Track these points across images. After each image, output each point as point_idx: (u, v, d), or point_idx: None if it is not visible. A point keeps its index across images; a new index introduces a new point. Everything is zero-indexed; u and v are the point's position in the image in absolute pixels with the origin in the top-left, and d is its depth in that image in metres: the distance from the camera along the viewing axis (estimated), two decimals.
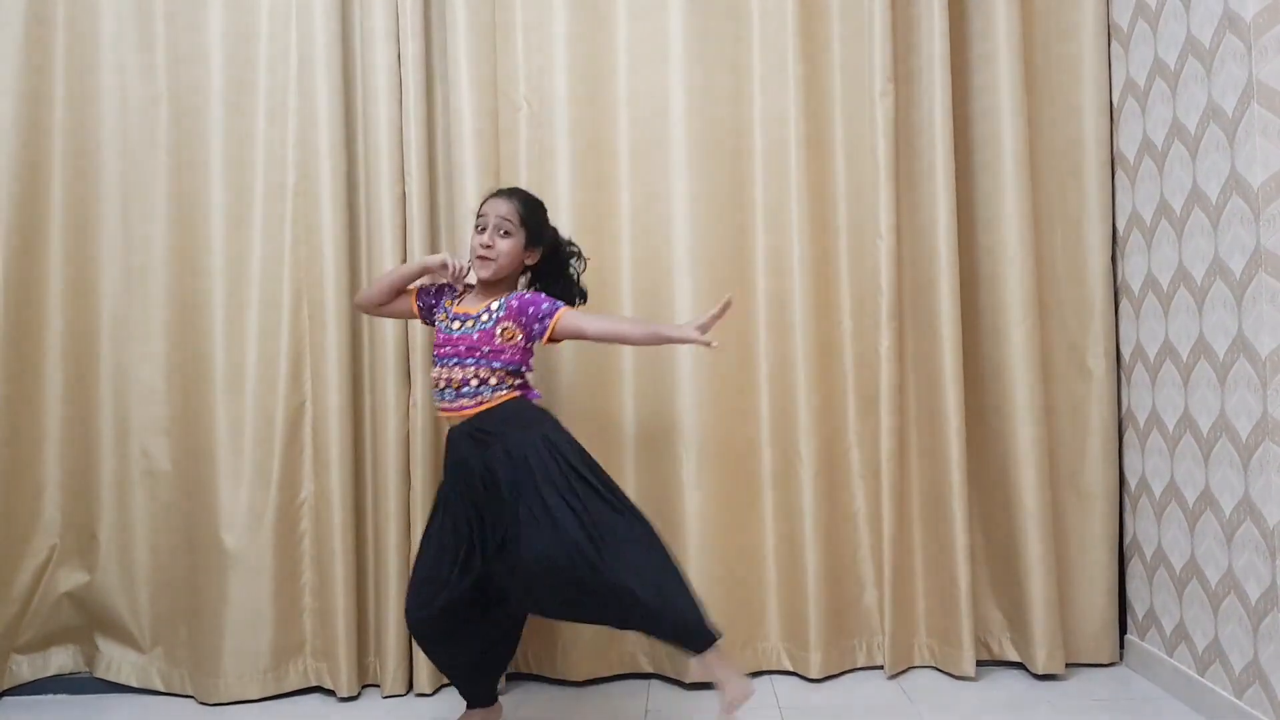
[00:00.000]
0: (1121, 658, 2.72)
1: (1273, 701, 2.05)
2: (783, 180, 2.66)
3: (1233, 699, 2.19)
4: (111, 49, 2.74)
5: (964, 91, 2.70)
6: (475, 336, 2.15)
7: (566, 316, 2.14)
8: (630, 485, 2.57)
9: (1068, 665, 2.62)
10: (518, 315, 2.16)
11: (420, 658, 2.62)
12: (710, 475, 2.63)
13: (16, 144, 2.67)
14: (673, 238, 2.65)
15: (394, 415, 2.65)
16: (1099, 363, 2.69)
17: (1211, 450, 2.27)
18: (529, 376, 2.24)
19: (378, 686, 2.68)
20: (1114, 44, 2.70)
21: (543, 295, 2.20)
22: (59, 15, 2.75)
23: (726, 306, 2.04)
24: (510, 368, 2.16)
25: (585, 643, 2.64)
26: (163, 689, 2.70)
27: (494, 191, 2.28)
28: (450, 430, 2.21)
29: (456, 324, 2.20)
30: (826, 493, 2.65)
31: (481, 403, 2.14)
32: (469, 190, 2.64)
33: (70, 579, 2.76)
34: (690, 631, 2.02)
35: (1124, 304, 2.69)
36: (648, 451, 2.66)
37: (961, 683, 2.61)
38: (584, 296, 2.34)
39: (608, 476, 2.13)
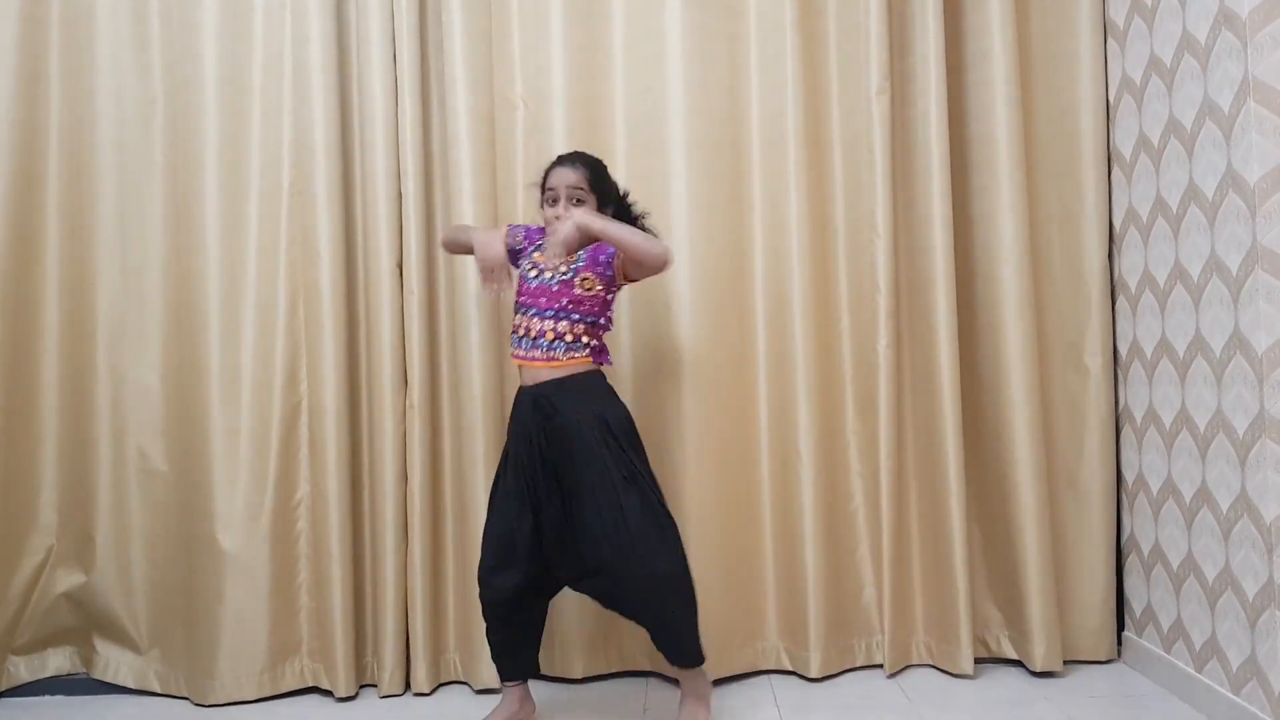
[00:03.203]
0: (1119, 655, 2.73)
1: (1270, 697, 2.05)
2: (780, 178, 2.66)
3: (1230, 695, 2.19)
4: (106, 49, 2.74)
5: (960, 89, 2.71)
6: (555, 288, 2.18)
7: (641, 232, 2.19)
8: None
9: (1065, 662, 2.62)
10: (592, 261, 2.19)
11: (419, 656, 2.62)
12: (708, 474, 2.63)
13: (12, 144, 2.68)
14: (671, 236, 2.64)
15: (391, 416, 2.64)
16: (1096, 360, 2.69)
17: (1208, 447, 2.27)
18: (606, 339, 2.27)
19: (375, 686, 2.68)
20: (1110, 41, 2.70)
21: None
22: (53, 15, 2.75)
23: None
24: (589, 320, 2.19)
25: (583, 641, 2.64)
26: (160, 690, 2.70)
27: (555, 160, 2.28)
28: (519, 391, 2.24)
29: (535, 273, 2.22)
30: (825, 491, 2.65)
31: (554, 359, 2.17)
32: (466, 190, 2.64)
33: (67, 580, 2.76)
34: (692, 650, 2.21)
35: (1121, 301, 2.69)
36: (647, 450, 2.64)
37: (960, 681, 2.61)
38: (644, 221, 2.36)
39: (650, 471, 2.22)
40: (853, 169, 2.70)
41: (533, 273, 2.23)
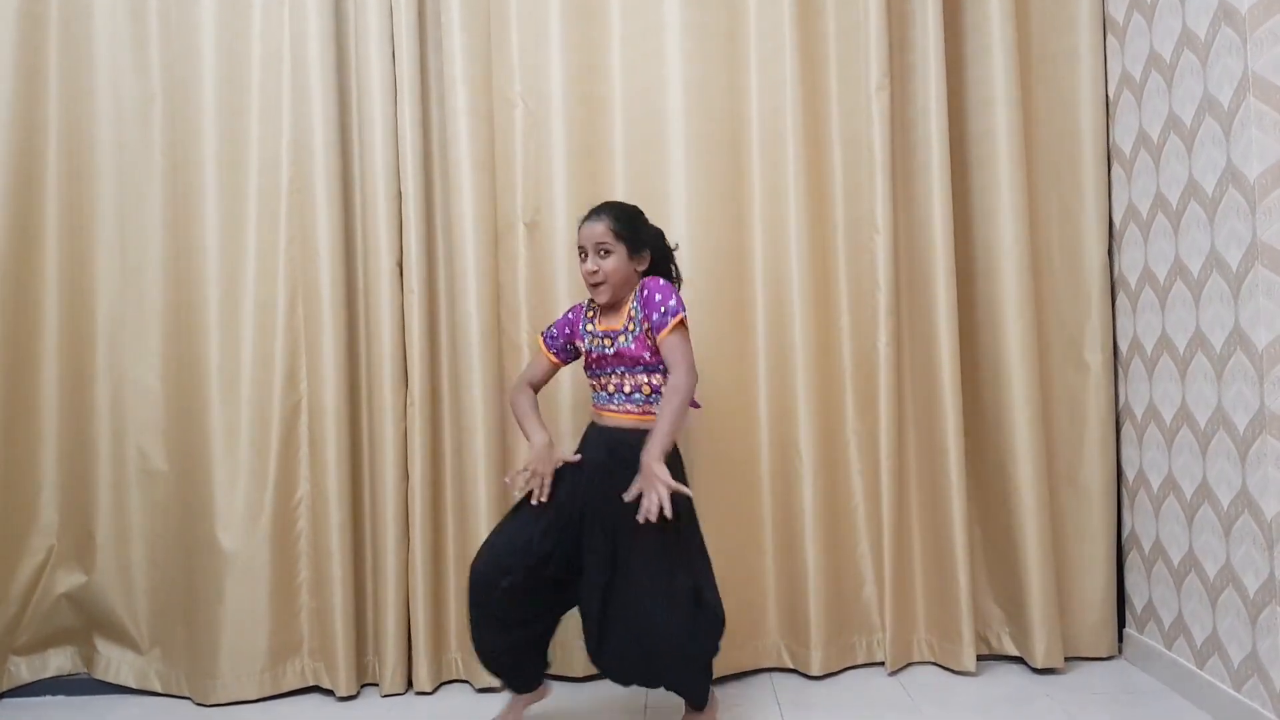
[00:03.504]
0: (1120, 651, 2.73)
1: (1271, 694, 2.05)
2: (779, 176, 2.66)
3: (1231, 691, 2.19)
4: (105, 47, 2.74)
5: (959, 86, 2.70)
6: (632, 348, 2.17)
7: (676, 338, 2.11)
8: None
9: (1067, 659, 2.62)
10: (645, 304, 2.15)
11: (420, 655, 2.62)
12: (709, 472, 2.63)
13: (11, 143, 2.68)
14: (670, 234, 2.64)
15: (391, 414, 2.64)
16: (1096, 356, 2.69)
17: (1209, 443, 2.27)
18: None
19: (376, 685, 2.68)
20: (1109, 37, 2.70)
21: (658, 292, 2.14)
22: (52, 14, 2.75)
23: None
24: (661, 368, 2.17)
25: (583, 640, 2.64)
26: (161, 690, 2.71)
27: (585, 216, 2.25)
28: (590, 429, 2.25)
29: (608, 341, 2.20)
30: (825, 489, 2.65)
31: (646, 412, 2.17)
32: (465, 188, 2.64)
33: (68, 580, 2.76)
34: (705, 693, 2.22)
35: (1121, 297, 2.69)
36: None
37: (961, 678, 2.61)
38: (678, 280, 2.34)
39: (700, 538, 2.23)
40: (852, 166, 2.70)
41: (606, 342, 2.20)
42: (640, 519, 1.96)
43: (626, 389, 2.19)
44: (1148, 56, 2.50)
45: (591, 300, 2.27)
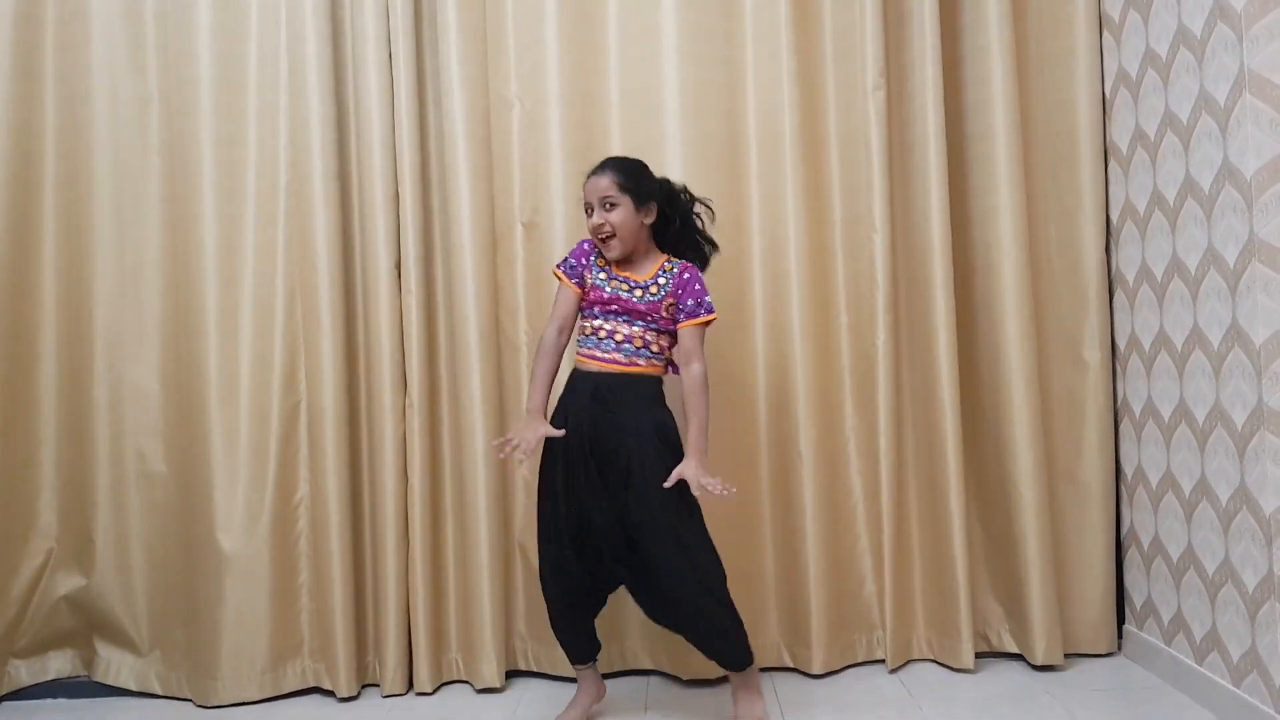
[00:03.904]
0: (1120, 648, 2.73)
1: (1270, 689, 2.05)
2: (777, 176, 2.66)
3: (1231, 687, 2.20)
4: (101, 49, 2.73)
5: (957, 85, 2.71)
6: (644, 306, 2.21)
7: (700, 331, 2.23)
8: None
9: (1066, 656, 2.62)
10: (676, 290, 2.23)
11: (421, 655, 2.62)
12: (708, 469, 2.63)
13: (7, 146, 2.67)
14: None
15: (390, 415, 2.64)
16: (1094, 354, 2.69)
17: (1207, 440, 2.28)
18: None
19: (377, 686, 2.68)
20: (1105, 35, 2.70)
21: (698, 282, 2.24)
22: (48, 15, 2.74)
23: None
24: (668, 331, 2.25)
25: None
26: (161, 692, 2.70)
27: (589, 172, 2.28)
28: (574, 376, 2.26)
29: (625, 288, 2.23)
30: (824, 487, 2.65)
31: (633, 364, 2.21)
32: (463, 189, 2.64)
33: (67, 582, 2.76)
34: (744, 654, 2.26)
35: (1118, 295, 2.70)
36: None
37: (961, 675, 2.61)
38: (714, 245, 2.37)
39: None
40: (850, 166, 2.70)
41: (623, 287, 2.24)
42: (667, 484, 2.11)
43: (618, 337, 2.21)
44: (1144, 54, 2.50)
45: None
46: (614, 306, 2.22)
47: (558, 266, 2.32)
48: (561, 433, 2.17)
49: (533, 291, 2.70)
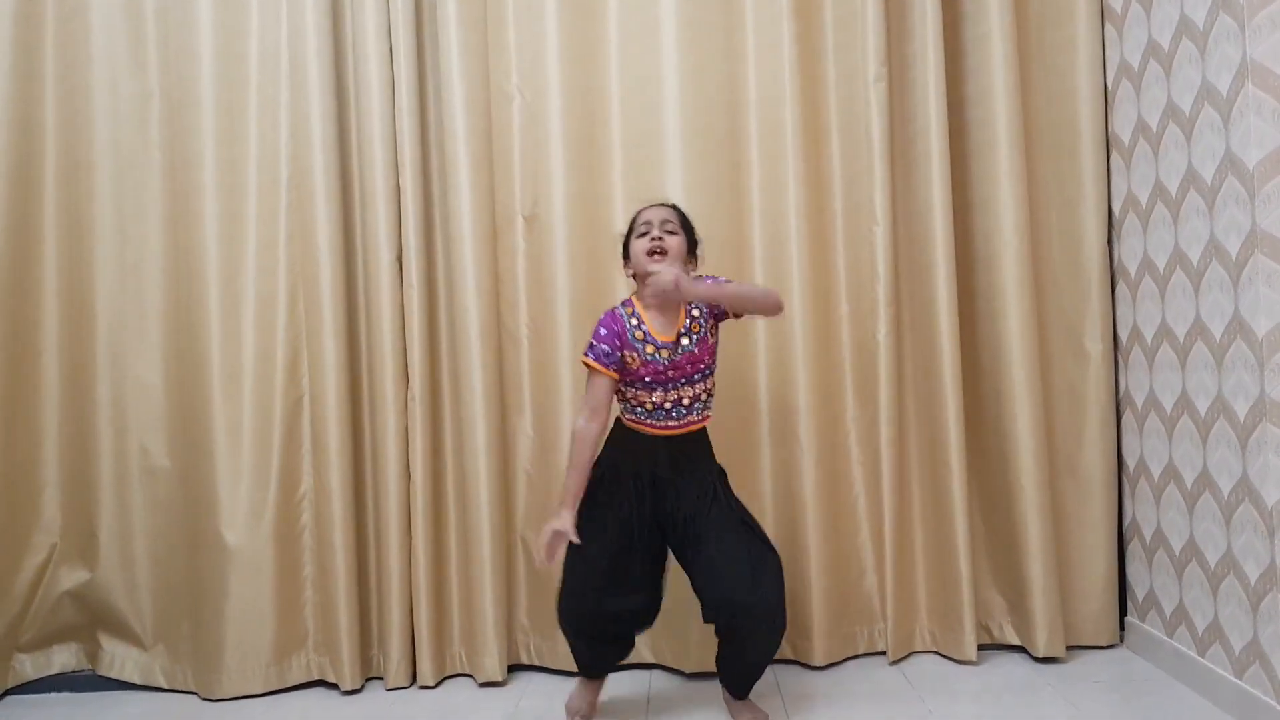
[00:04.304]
0: (1122, 640, 2.73)
1: (1273, 681, 2.05)
2: (778, 167, 2.65)
3: (1233, 679, 2.20)
4: (102, 46, 2.74)
5: (958, 75, 2.70)
6: (697, 351, 2.18)
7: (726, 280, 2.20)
8: None
9: (1068, 648, 2.63)
10: (708, 304, 2.20)
11: (424, 649, 2.63)
12: None
13: (9, 143, 2.68)
14: None
15: (393, 409, 2.64)
16: (1096, 345, 2.69)
17: (1209, 432, 2.27)
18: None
19: (381, 679, 2.69)
20: (1107, 26, 2.69)
21: (707, 275, 2.22)
22: (48, 12, 2.75)
23: None
24: (714, 369, 2.24)
25: None
26: (166, 685, 2.71)
27: (645, 205, 2.29)
28: (632, 436, 2.21)
29: (666, 352, 2.15)
30: (826, 479, 2.65)
31: (706, 417, 2.22)
32: (463, 182, 2.63)
33: (71, 577, 2.77)
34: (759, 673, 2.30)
35: (1121, 286, 2.69)
36: None
37: (963, 667, 2.62)
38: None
39: None
40: (851, 157, 2.70)
41: (664, 353, 2.16)
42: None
43: (685, 401, 2.19)
44: (1146, 45, 2.49)
45: (628, 306, 2.21)
46: (672, 373, 2.16)
47: (587, 354, 2.16)
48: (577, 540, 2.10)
49: (533, 284, 2.70)
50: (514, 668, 2.71)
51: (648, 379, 2.16)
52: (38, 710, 2.65)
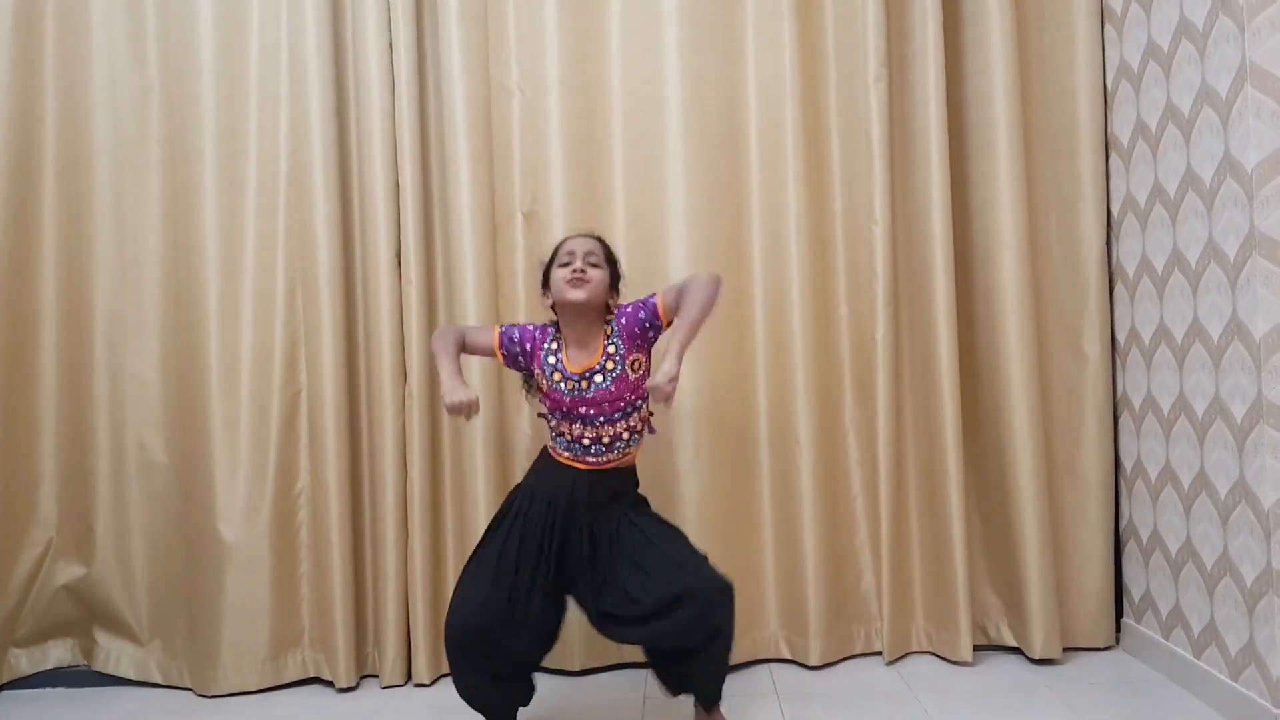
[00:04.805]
0: (1118, 641, 2.73)
1: (1268, 682, 2.05)
2: (778, 167, 2.65)
3: (1229, 681, 2.20)
4: (102, 40, 2.73)
5: (958, 75, 2.70)
6: (613, 389, 2.09)
7: (665, 291, 2.11)
8: None
9: (1065, 649, 2.63)
10: (629, 333, 2.11)
11: (420, 647, 2.62)
12: (707, 462, 2.64)
13: (8, 137, 2.68)
14: (668, 224, 2.65)
15: (390, 405, 2.64)
16: (1094, 346, 2.69)
17: (1206, 433, 2.27)
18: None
19: (376, 677, 2.68)
20: (1107, 27, 2.69)
21: (630, 305, 2.14)
22: (48, 6, 2.74)
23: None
24: (644, 399, 2.15)
25: (582, 633, 2.63)
26: (161, 681, 2.71)
27: (565, 238, 2.23)
28: (551, 465, 2.16)
29: (585, 384, 2.09)
30: (824, 479, 2.65)
31: (626, 455, 2.16)
32: (463, 179, 2.63)
33: (68, 572, 2.77)
34: (721, 686, 2.20)
35: (1119, 287, 2.69)
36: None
37: (959, 668, 2.62)
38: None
39: None
40: (851, 157, 2.70)
41: (582, 384, 2.10)
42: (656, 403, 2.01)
43: (605, 439, 2.11)
44: (1145, 46, 2.50)
45: (556, 327, 2.19)
46: (587, 409, 2.09)
47: (500, 328, 2.22)
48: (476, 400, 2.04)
49: (532, 281, 2.68)
50: None
51: (565, 409, 2.11)
52: (33, 705, 2.65)
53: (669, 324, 2.10)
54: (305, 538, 2.68)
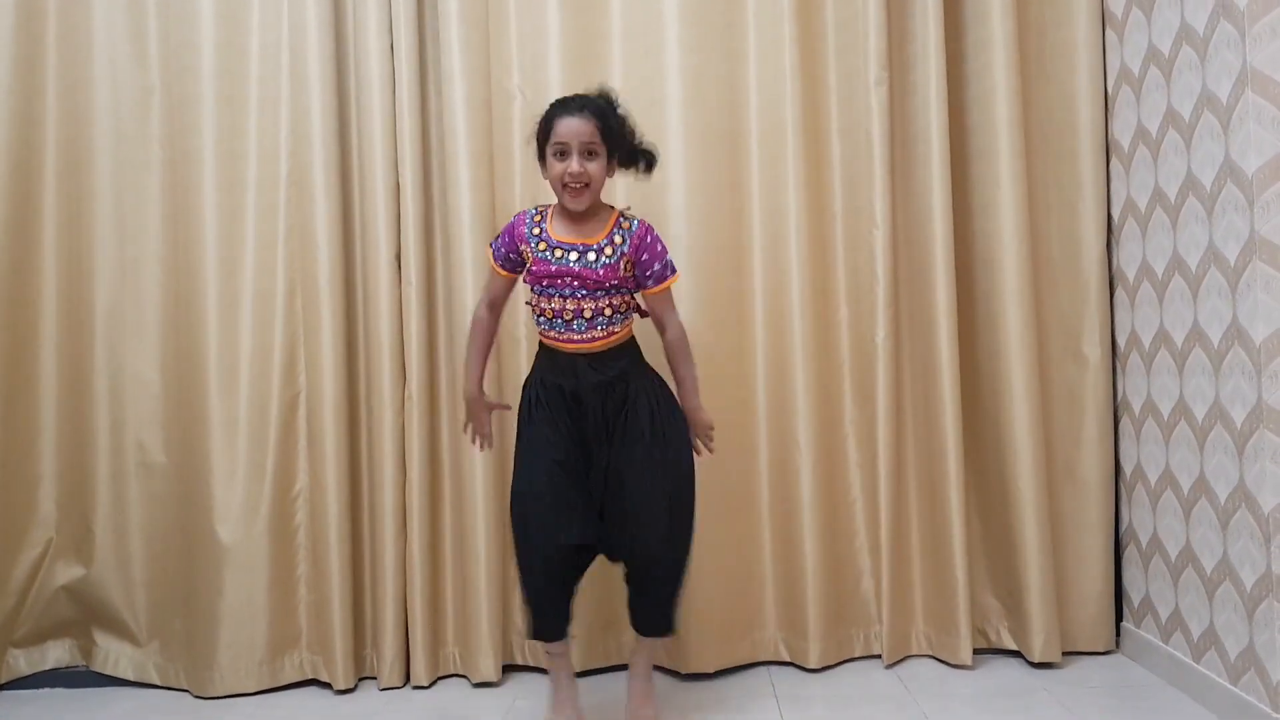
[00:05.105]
0: (1118, 645, 2.73)
1: (1268, 687, 2.05)
2: (778, 168, 2.65)
3: (1228, 685, 2.20)
4: (103, 39, 2.73)
5: (959, 78, 2.70)
6: (600, 272, 2.06)
7: (669, 293, 2.17)
8: None
9: (1064, 653, 2.62)
10: (636, 251, 2.10)
11: (418, 648, 2.62)
12: (706, 464, 2.62)
13: (8, 136, 2.68)
14: (668, 224, 2.64)
15: (389, 407, 2.64)
16: (1094, 350, 2.69)
17: (1206, 437, 2.27)
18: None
19: (374, 679, 2.68)
20: (1108, 31, 2.69)
21: (659, 243, 2.13)
22: (49, 5, 2.74)
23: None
24: (631, 290, 2.16)
25: (582, 634, 2.63)
26: (159, 682, 2.71)
27: (559, 107, 2.10)
28: (550, 352, 2.15)
29: (575, 255, 2.07)
30: (823, 482, 2.65)
31: (612, 334, 2.12)
32: (463, 180, 2.63)
33: (66, 572, 2.77)
34: (673, 617, 2.23)
35: (1119, 292, 2.69)
36: None
37: (959, 671, 2.61)
38: (649, 160, 2.20)
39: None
40: (851, 159, 2.70)
41: (571, 255, 2.08)
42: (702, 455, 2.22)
43: (587, 314, 2.08)
44: (1146, 51, 2.50)
45: (541, 209, 2.17)
46: (568, 280, 2.07)
47: (490, 244, 2.23)
48: (509, 406, 2.15)
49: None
50: (509, 668, 2.70)
51: (544, 282, 2.10)
52: (31, 706, 2.65)
53: (639, 307, 2.20)
54: (303, 539, 2.68)
